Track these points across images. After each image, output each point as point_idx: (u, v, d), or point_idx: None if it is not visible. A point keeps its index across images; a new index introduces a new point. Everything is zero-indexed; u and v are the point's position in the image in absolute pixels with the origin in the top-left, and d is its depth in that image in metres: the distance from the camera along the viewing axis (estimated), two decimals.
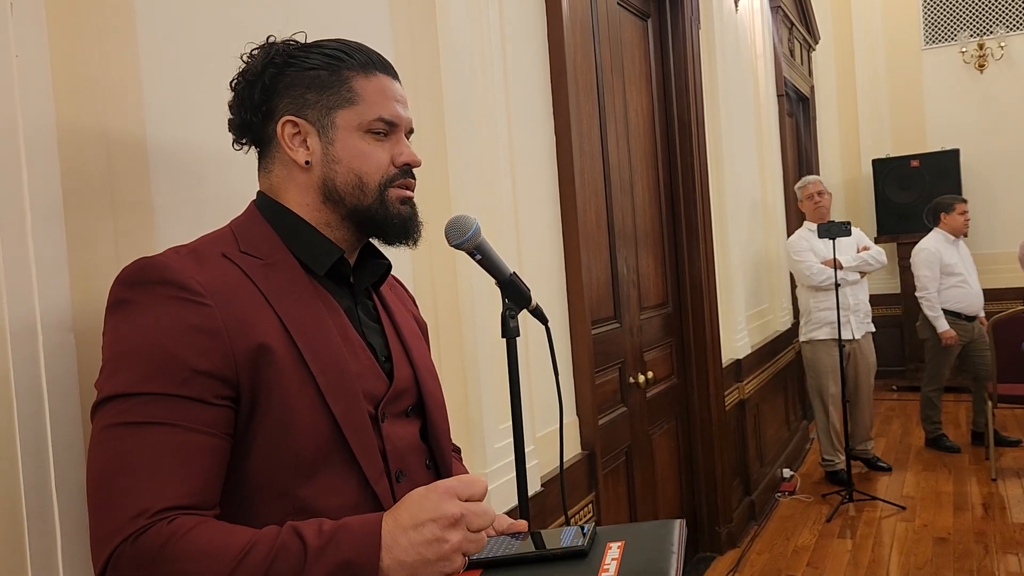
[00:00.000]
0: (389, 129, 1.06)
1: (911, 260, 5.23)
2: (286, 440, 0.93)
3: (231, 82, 1.06)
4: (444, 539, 0.84)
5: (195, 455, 0.87)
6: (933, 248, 5.13)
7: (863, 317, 4.73)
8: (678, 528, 1.03)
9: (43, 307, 1.00)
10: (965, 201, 5.23)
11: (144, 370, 0.87)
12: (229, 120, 1.07)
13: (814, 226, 4.60)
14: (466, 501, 0.87)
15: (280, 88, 1.03)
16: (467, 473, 1.21)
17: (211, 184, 1.28)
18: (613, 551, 0.98)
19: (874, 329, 4.84)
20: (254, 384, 0.91)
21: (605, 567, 0.95)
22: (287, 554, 0.81)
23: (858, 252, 4.71)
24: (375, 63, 1.07)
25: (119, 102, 1.14)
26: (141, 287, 0.91)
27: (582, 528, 1.03)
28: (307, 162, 1.03)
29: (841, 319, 4.54)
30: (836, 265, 4.43)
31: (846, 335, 4.61)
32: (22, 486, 0.94)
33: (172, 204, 1.21)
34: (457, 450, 1.31)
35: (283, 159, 1.05)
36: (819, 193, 4.76)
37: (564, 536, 1.01)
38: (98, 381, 0.90)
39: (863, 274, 4.71)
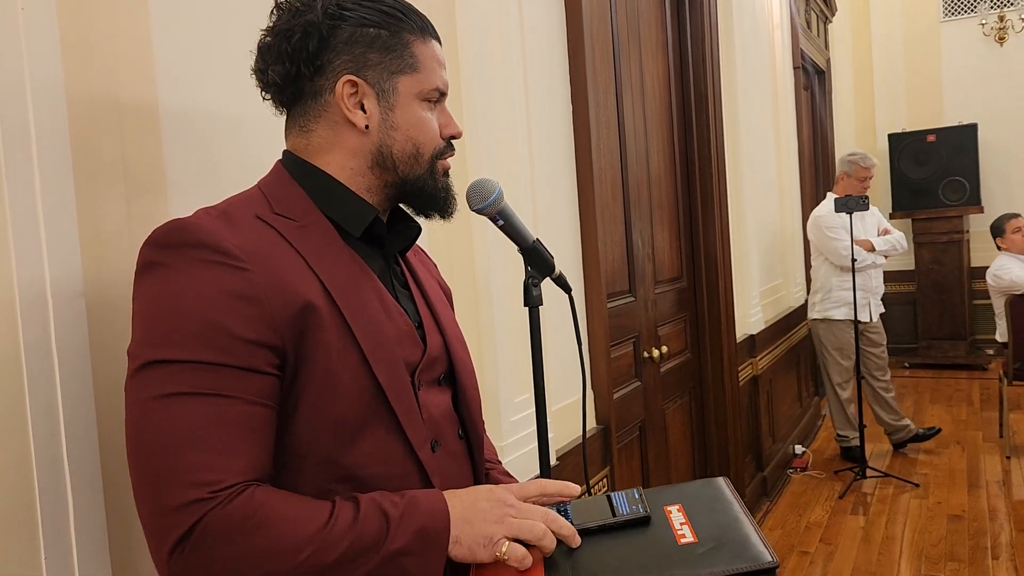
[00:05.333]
0: (440, 98, 1.04)
1: None
2: (328, 406, 0.90)
3: (273, 27, 0.99)
4: (501, 515, 0.91)
5: (253, 427, 0.85)
6: None
7: (879, 300, 4.69)
8: (726, 485, 1.00)
9: (53, 272, 0.96)
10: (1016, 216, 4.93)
11: (187, 337, 0.83)
12: (265, 69, 1.00)
13: None
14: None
15: (337, 43, 0.97)
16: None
17: (223, 146, 1.24)
18: (676, 515, 0.95)
19: (884, 310, 4.80)
20: (298, 349, 0.89)
21: (680, 532, 0.92)
22: (368, 522, 0.84)
23: (879, 234, 4.63)
24: (428, 26, 1.04)
25: (129, 60, 1.09)
26: (175, 249, 0.87)
27: (634, 493, 0.99)
28: (366, 126, 0.99)
29: (861, 301, 4.50)
30: (852, 245, 4.36)
31: (864, 317, 4.56)
32: (33, 455, 0.92)
33: (184, 166, 1.17)
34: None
35: (332, 119, 1.00)
36: (870, 178, 4.64)
37: (618, 503, 0.98)
38: (133, 345, 0.86)
39: (886, 257, 4.64)
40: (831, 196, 4.62)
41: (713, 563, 0.85)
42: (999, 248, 4.93)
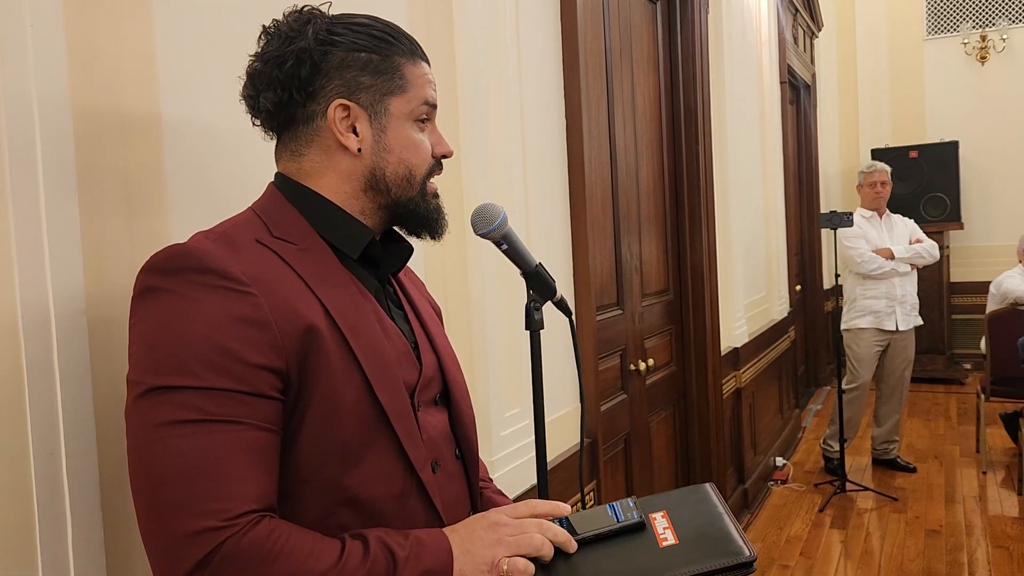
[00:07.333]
0: (430, 115, 1.04)
1: None
2: (332, 429, 0.90)
3: (263, 54, 0.98)
4: (498, 538, 0.92)
5: (263, 453, 0.85)
6: None
7: (909, 309, 4.63)
8: (711, 490, 1.02)
9: (55, 289, 0.96)
10: None
11: (196, 363, 0.83)
12: (256, 95, 0.99)
13: (869, 213, 4.63)
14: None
15: (329, 69, 0.97)
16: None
17: (225, 162, 1.24)
18: (660, 520, 0.97)
19: (921, 322, 4.74)
20: (301, 373, 0.89)
21: (662, 536, 0.93)
22: (378, 562, 0.84)
23: (911, 244, 4.65)
24: (418, 49, 1.04)
25: (133, 76, 1.10)
26: (178, 275, 0.86)
27: (629, 502, 1.00)
28: (359, 149, 0.99)
29: (887, 309, 4.54)
30: (836, 259, 4.43)
31: (890, 326, 4.58)
32: (33, 471, 0.92)
33: (185, 184, 1.17)
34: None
35: (324, 143, 1.00)
36: (882, 183, 4.67)
37: (612, 513, 0.99)
38: (134, 371, 0.86)
39: (913, 266, 4.63)
40: (860, 210, 4.73)
41: (691, 561, 0.88)
42: (1021, 262, 4.98)
